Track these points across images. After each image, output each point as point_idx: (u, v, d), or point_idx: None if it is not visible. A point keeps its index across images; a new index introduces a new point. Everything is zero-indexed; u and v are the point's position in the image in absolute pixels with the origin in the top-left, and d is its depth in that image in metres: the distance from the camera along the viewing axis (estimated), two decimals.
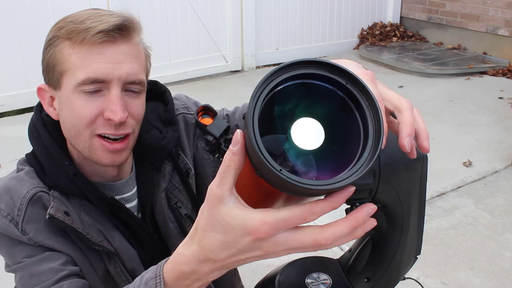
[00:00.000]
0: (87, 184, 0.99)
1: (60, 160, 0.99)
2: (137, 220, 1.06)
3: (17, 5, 4.31)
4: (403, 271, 0.87)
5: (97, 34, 0.88)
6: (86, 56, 0.90)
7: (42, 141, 1.00)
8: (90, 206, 1.00)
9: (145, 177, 1.09)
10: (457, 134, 4.03)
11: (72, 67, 0.91)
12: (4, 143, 3.88)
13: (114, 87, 0.91)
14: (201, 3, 5.31)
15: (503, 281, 2.45)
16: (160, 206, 1.09)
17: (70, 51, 0.91)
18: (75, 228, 0.95)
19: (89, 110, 0.92)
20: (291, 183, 0.52)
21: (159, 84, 1.17)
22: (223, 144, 0.79)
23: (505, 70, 5.42)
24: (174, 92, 1.22)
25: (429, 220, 2.93)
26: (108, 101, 0.91)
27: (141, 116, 0.99)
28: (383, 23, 6.70)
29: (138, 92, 0.97)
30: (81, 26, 0.89)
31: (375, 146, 0.56)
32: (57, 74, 0.94)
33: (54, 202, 0.96)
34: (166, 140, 1.09)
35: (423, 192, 0.81)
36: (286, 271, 0.92)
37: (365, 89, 0.57)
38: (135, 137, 1.00)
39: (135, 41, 0.96)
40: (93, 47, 0.90)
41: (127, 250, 1.02)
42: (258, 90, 0.54)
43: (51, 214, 0.93)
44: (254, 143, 0.52)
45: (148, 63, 1.02)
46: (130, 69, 0.93)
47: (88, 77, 0.90)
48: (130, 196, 1.08)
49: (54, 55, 0.93)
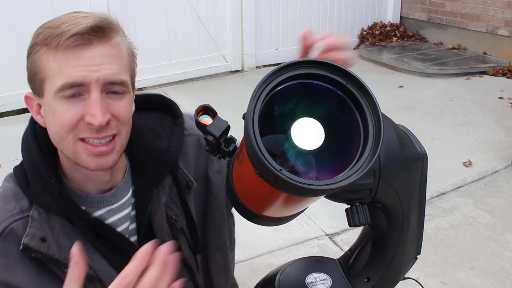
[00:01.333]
0: (70, 204, 0.98)
1: (46, 177, 0.97)
2: (121, 237, 1.05)
3: (17, 5, 4.31)
4: (403, 271, 0.87)
5: (71, 38, 0.87)
6: (63, 61, 0.88)
7: (31, 154, 0.99)
8: (71, 226, 0.99)
9: (145, 189, 1.08)
10: (457, 134, 4.03)
11: (51, 73, 0.90)
12: (4, 143, 3.88)
13: (93, 90, 0.90)
14: (201, 3, 5.30)
15: (503, 281, 2.45)
16: (160, 219, 1.09)
17: (47, 57, 0.90)
18: (51, 256, 0.94)
19: (69, 115, 0.90)
20: (291, 183, 0.52)
21: (164, 97, 1.16)
22: (223, 144, 0.79)
23: (505, 70, 5.42)
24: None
25: (429, 220, 2.93)
26: (88, 105, 0.90)
27: (127, 118, 0.97)
28: (383, 23, 6.69)
29: (122, 93, 0.94)
30: (56, 31, 0.88)
31: (375, 146, 0.56)
32: (38, 82, 0.93)
33: (30, 227, 0.95)
34: (168, 155, 1.08)
35: (423, 192, 0.81)
36: (286, 271, 0.92)
37: (365, 89, 0.57)
38: (122, 139, 0.97)
39: (114, 41, 0.93)
40: (68, 52, 0.88)
41: (108, 272, 1.01)
42: (258, 90, 0.55)
43: (25, 244, 0.93)
44: (254, 143, 0.52)
45: (133, 62, 0.99)
46: (109, 70, 0.90)
47: (66, 82, 0.88)
48: (119, 206, 1.06)
49: (34, 63, 0.92)
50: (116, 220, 1.06)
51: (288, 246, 2.73)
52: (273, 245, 2.71)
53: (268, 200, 0.66)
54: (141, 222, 1.08)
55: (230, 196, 0.77)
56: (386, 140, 0.65)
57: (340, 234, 2.85)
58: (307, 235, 2.83)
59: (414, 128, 1.00)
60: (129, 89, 0.97)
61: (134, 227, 1.10)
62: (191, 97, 4.71)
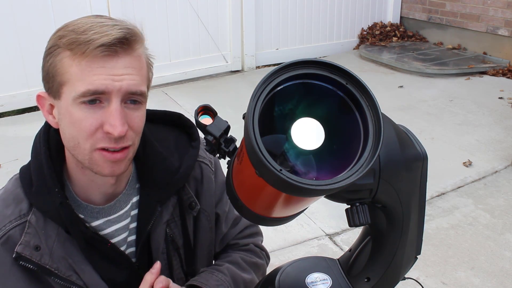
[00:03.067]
0: (70, 214, 0.98)
1: (51, 185, 0.98)
2: (116, 250, 1.06)
3: (17, 5, 4.30)
4: (403, 271, 0.87)
5: (99, 48, 0.87)
6: (86, 68, 0.88)
7: (40, 158, 1.00)
8: (66, 236, 1.00)
9: (149, 205, 1.08)
10: (457, 134, 4.03)
11: (72, 78, 0.89)
12: (4, 143, 3.88)
13: (114, 99, 0.90)
14: (201, 3, 5.30)
15: (503, 281, 2.45)
16: (158, 237, 1.09)
17: (70, 62, 0.89)
18: (42, 265, 0.96)
19: (89, 123, 0.90)
20: (291, 183, 0.52)
21: (183, 116, 1.16)
22: (223, 144, 0.79)
23: (505, 70, 5.42)
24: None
25: (429, 220, 2.93)
26: (108, 114, 0.90)
27: (140, 129, 0.98)
28: (383, 23, 6.69)
29: (140, 103, 0.95)
30: (82, 37, 0.87)
31: (375, 146, 0.56)
32: (56, 84, 0.92)
33: (25, 235, 0.96)
34: (178, 176, 1.08)
35: (423, 192, 0.81)
36: (286, 271, 0.92)
37: (365, 89, 0.57)
38: (135, 148, 0.98)
39: (137, 53, 0.94)
40: (93, 60, 0.88)
41: (97, 284, 1.02)
42: (258, 90, 0.55)
43: (18, 252, 0.94)
44: (254, 143, 0.52)
45: (150, 73, 1.00)
46: (131, 81, 0.91)
47: (88, 89, 0.88)
48: (117, 217, 1.07)
49: (54, 65, 0.92)
50: (113, 231, 1.07)
51: (288, 246, 2.73)
52: (273, 245, 2.70)
53: (268, 200, 0.66)
54: (140, 236, 1.09)
55: (230, 196, 0.77)
56: (386, 140, 0.65)
57: (340, 234, 2.85)
58: (307, 235, 2.83)
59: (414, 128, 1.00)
60: (146, 100, 0.98)
61: (133, 239, 1.10)
62: (191, 97, 4.71)
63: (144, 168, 1.09)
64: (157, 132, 1.11)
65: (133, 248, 1.11)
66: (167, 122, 1.16)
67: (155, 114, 1.15)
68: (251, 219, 0.77)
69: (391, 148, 0.71)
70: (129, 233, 1.09)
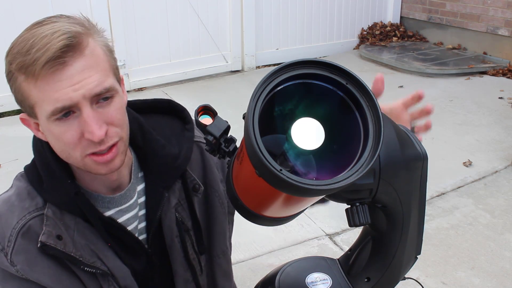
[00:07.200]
0: (86, 204, 1.00)
1: (61, 177, 0.99)
2: (131, 236, 1.08)
3: (17, 5, 4.30)
4: (403, 271, 0.87)
5: (45, 66, 0.85)
6: (45, 87, 0.87)
7: (44, 155, 1.01)
8: (85, 224, 1.01)
9: (156, 192, 1.10)
10: (457, 134, 4.03)
11: (37, 100, 0.89)
12: (4, 143, 3.88)
13: (83, 107, 0.89)
14: (201, 3, 5.30)
15: (503, 281, 2.45)
16: (170, 222, 1.11)
17: (28, 85, 0.89)
18: (68, 253, 0.97)
19: (70, 135, 0.91)
20: (291, 183, 0.52)
21: (173, 102, 1.17)
22: (223, 144, 0.79)
23: (505, 70, 5.41)
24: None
25: (429, 220, 2.93)
26: (83, 122, 0.90)
27: (122, 119, 0.96)
28: (383, 23, 6.69)
29: (111, 97, 0.94)
30: (28, 59, 0.86)
31: (375, 146, 0.56)
32: (28, 107, 0.92)
33: (46, 226, 0.97)
34: (179, 160, 1.09)
35: (423, 192, 0.81)
36: (286, 271, 0.92)
37: (365, 89, 0.57)
38: (125, 140, 0.98)
39: (88, 50, 0.90)
40: (47, 78, 0.86)
41: (120, 268, 1.04)
42: (258, 90, 0.55)
43: (42, 242, 0.95)
44: (254, 143, 0.52)
45: (112, 57, 0.96)
46: (91, 84, 0.89)
47: (56, 108, 0.88)
48: (127, 207, 1.08)
49: (17, 91, 0.92)
50: (125, 220, 1.08)
51: (288, 246, 2.74)
52: (273, 245, 2.71)
53: (268, 200, 0.66)
54: (151, 222, 1.11)
55: (230, 196, 0.77)
56: (386, 140, 0.65)
57: (340, 234, 2.85)
58: (307, 235, 2.83)
59: None
60: (117, 89, 0.96)
61: (143, 226, 1.12)
62: (191, 97, 4.70)
63: (145, 157, 1.10)
64: (151, 121, 1.12)
65: (144, 235, 1.13)
66: (158, 110, 1.17)
67: (146, 103, 1.16)
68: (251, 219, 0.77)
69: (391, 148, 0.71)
70: (139, 221, 1.11)
